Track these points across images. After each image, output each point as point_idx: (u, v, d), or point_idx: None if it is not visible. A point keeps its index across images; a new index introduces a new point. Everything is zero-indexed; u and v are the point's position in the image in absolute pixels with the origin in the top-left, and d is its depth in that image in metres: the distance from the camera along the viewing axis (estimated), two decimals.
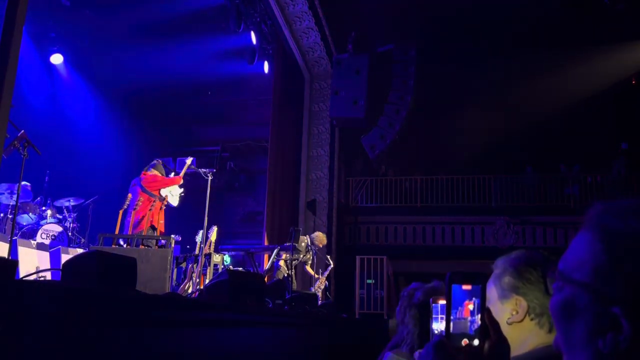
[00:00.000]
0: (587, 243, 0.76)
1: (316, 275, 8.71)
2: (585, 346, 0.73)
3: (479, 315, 0.86)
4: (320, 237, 8.60)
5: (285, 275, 8.02)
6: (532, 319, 1.31)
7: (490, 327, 0.86)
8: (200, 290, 4.29)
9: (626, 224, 0.72)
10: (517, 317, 1.31)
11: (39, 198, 7.92)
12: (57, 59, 11.01)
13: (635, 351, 0.68)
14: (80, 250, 6.52)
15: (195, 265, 7.26)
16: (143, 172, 7.05)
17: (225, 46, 11.30)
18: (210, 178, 6.81)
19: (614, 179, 11.96)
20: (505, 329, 1.28)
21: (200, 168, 7.04)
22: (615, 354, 0.69)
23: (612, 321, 0.69)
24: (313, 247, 8.52)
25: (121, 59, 11.47)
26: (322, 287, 8.89)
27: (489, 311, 0.87)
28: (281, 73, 11.56)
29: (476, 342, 0.85)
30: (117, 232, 6.69)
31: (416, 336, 2.07)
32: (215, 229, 7.87)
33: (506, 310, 1.33)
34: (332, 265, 9.33)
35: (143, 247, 5.84)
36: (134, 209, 6.79)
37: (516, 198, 12.32)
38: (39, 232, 7.07)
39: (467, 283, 0.86)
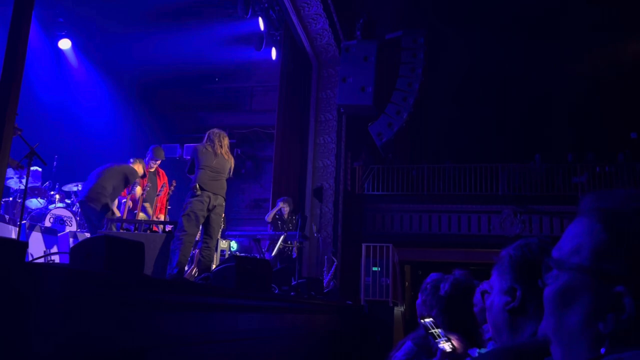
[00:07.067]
0: (583, 227, 0.76)
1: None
2: (583, 332, 0.72)
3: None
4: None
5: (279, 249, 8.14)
6: (527, 306, 1.32)
7: None
8: (207, 275, 4.32)
9: (623, 204, 0.72)
10: (514, 305, 1.33)
11: (47, 183, 7.98)
12: (65, 44, 11.00)
13: (637, 330, 0.67)
14: (88, 235, 6.57)
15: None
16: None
17: (232, 32, 11.23)
18: None
19: (622, 169, 11.87)
20: (507, 317, 1.32)
21: None
22: (616, 335, 0.68)
23: (614, 301, 0.68)
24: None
25: (129, 45, 11.45)
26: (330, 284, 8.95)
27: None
28: (289, 60, 11.49)
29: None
30: (124, 217, 6.74)
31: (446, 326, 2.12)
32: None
33: (505, 298, 1.35)
34: (336, 263, 9.38)
35: (150, 232, 5.88)
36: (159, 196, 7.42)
37: (523, 187, 12.25)
38: (48, 216, 7.11)
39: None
